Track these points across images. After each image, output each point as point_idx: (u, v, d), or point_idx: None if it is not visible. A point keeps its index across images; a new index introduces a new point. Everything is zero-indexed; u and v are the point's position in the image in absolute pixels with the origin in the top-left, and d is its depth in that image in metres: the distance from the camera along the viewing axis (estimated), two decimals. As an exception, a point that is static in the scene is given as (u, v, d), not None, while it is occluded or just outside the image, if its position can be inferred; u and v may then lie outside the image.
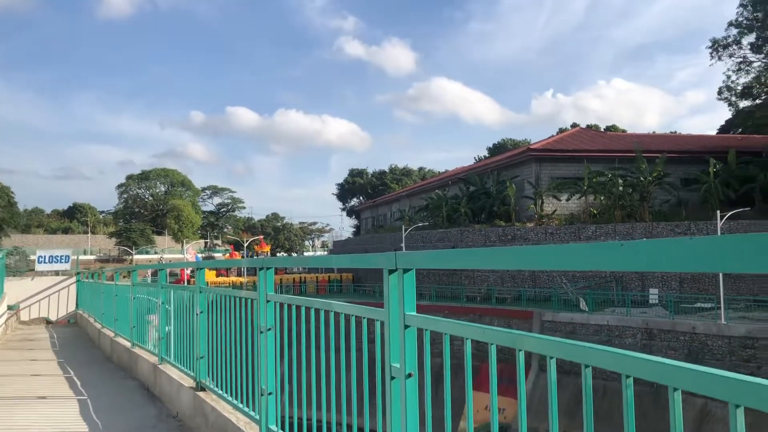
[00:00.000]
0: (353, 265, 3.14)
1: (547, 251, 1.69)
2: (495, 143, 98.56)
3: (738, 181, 40.30)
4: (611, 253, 1.46)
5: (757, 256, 1.07)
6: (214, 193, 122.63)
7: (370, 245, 60.38)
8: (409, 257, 2.54)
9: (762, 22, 41.34)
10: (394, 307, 2.65)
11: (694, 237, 1.22)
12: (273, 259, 4.49)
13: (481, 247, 32.41)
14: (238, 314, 5.01)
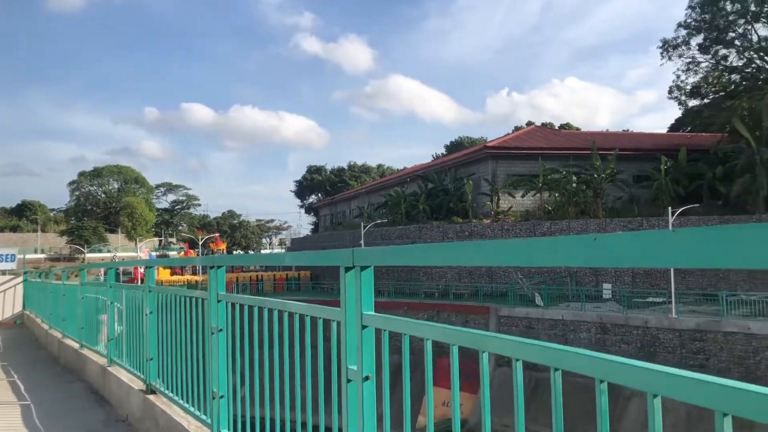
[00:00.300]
0: (309, 263, 3.00)
1: (515, 246, 1.59)
2: (452, 141, 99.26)
3: (687, 178, 41.30)
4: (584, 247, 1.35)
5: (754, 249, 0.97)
6: (169, 190, 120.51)
7: (328, 242, 60.08)
8: (367, 254, 2.42)
9: (709, 23, 42.41)
10: (351, 306, 2.52)
11: (678, 229, 1.12)
12: (225, 256, 4.31)
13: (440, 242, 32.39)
14: (189, 315, 4.82)
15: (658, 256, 1.17)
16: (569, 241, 1.41)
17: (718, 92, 45.60)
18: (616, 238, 1.28)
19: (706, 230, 1.07)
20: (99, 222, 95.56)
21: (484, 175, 46.52)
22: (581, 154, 44.68)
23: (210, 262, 4.34)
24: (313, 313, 2.97)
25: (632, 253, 1.23)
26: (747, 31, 42.49)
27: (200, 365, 4.54)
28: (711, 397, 1.11)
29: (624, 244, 1.26)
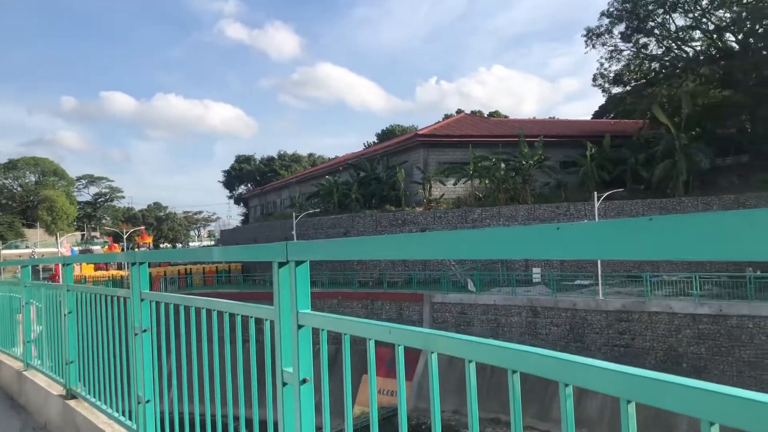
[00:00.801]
0: (240, 259, 2.79)
1: (468, 237, 1.44)
2: (383, 129, 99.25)
3: (611, 164, 42.64)
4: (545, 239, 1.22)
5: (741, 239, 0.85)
6: (91, 182, 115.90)
7: (259, 234, 59.21)
8: (302, 248, 2.24)
9: (631, 12, 43.76)
10: (286, 304, 2.34)
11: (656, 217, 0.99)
12: (148, 253, 4.05)
13: (373, 232, 32.48)
14: (111, 314, 4.52)
15: (632, 247, 1.05)
16: (529, 232, 1.28)
17: (639, 80, 47.23)
18: (580, 228, 1.15)
19: (686, 219, 0.95)
20: (15, 216, 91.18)
21: (415, 163, 46.72)
22: (510, 141, 45.43)
23: (132, 258, 4.06)
24: (243, 311, 2.77)
25: (602, 243, 1.10)
26: (666, 21, 44.11)
27: (124, 368, 4.27)
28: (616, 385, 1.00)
29: (589, 234, 1.13)
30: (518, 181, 42.57)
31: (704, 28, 44.07)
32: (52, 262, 6.79)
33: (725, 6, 41.23)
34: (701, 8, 42.42)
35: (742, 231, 0.87)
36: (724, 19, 42.55)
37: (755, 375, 24.21)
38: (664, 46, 45.56)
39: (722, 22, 42.68)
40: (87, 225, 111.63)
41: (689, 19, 43.70)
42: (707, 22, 43.56)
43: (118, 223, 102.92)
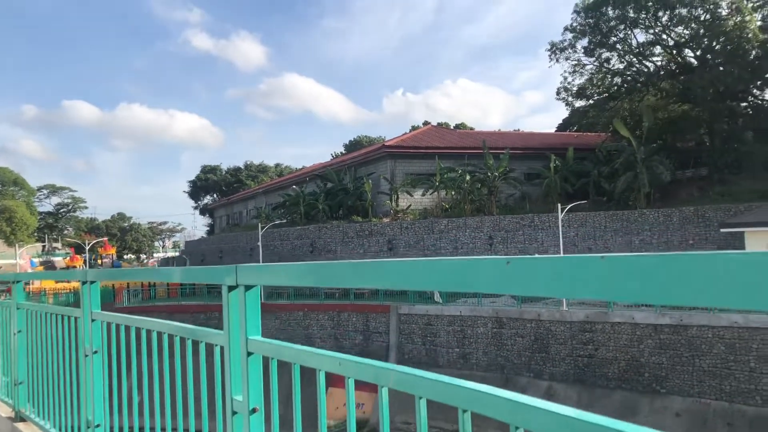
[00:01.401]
0: (189, 281, 2.69)
1: (422, 267, 1.38)
2: (351, 140, 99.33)
3: (575, 176, 43.25)
4: (497, 272, 1.17)
5: (704, 284, 0.81)
6: (53, 192, 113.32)
7: (224, 245, 58.56)
8: (252, 272, 2.15)
9: (593, 27, 44.55)
10: (235, 330, 2.25)
11: (608, 256, 0.94)
12: (100, 271, 3.89)
13: (340, 244, 32.28)
14: (62, 334, 4.36)
15: (583, 286, 1.00)
16: (479, 264, 1.22)
17: (601, 93, 48.01)
18: (532, 263, 1.10)
19: (640, 259, 0.90)
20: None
21: (383, 174, 46.76)
22: (475, 153, 45.80)
23: (83, 277, 3.92)
24: (194, 336, 2.67)
25: (552, 280, 1.05)
26: (627, 36, 44.99)
27: (75, 390, 4.12)
28: None
29: (541, 270, 1.08)
30: (484, 193, 42.90)
31: (664, 44, 45.10)
32: (2, 279, 6.54)
33: (684, 23, 42.25)
34: (661, 25, 43.41)
35: (700, 275, 0.82)
36: (683, 36, 43.60)
37: (714, 384, 24.65)
38: (625, 60, 46.47)
39: (681, 39, 43.72)
40: (48, 236, 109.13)
41: (650, 35, 44.69)
42: (667, 38, 44.58)
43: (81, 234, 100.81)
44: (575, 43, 46.17)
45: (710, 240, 35.01)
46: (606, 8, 43.54)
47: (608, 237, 37.30)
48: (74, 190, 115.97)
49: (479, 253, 39.18)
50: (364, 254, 42.19)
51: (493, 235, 39.01)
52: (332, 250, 43.37)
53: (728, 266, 0.79)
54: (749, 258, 0.76)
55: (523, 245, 38.50)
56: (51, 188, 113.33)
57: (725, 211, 34.89)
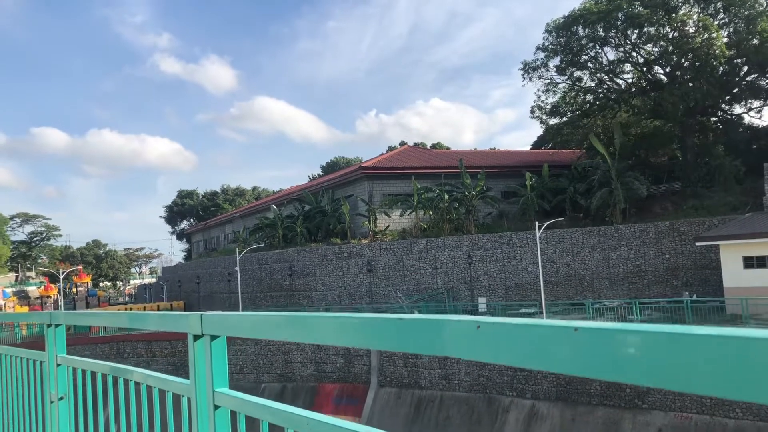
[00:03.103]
0: (155, 327, 2.59)
1: (389, 324, 1.31)
2: (328, 161, 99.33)
3: (551, 193, 43.59)
4: (465, 336, 1.10)
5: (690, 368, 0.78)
6: (26, 221, 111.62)
7: (202, 270, 57.98)
8: (218, 321, 2.07)
9: (565, 46, 45.19)
10: (202, 381, 2.15)
11: (581, 327, 0.88)
12: (63, 313, 3.76)
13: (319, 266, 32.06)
14: (28, 378, 4.20)
15: (555, 359, 0.93)
16: (449, 325, 1.16)
17: (575, 111, 48.59)
18: (503, 329, 1.03)
19: (617, 333, 0.84)
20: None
21: (360, 195, 46.74)
22: (452, 172, 46.01)
23: (47, 320, 3.78)
24: (160, 384, 2.57)
25: (524, 350, 0.99)
26: (598, 55, 45.71)
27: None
28: None
29: (513, 338, 1.02)
30: (462, 212, 43.03)
31: (634, 62, 45.88)
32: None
33: (652, 41, 43.05)
34: (631, 43, 44.17)
35: (689, 356, 0.76)
36: (652, 53, 44.41)
37: (695, 398, 24.73)
38: (597, 78, 47.16)
39: (651, 56, 44.51)
40: (22, 265, 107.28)
41: (620, 53, 45.43)
42: (637, 56, 45.37)
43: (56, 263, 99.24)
44: (547, 62, 46.77)
45: (686, 254, 35.42)
46: (576, 27, 44.24)
47: (586, 253, 37.56)
48: (48, 218, 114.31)
49: (459, 273, 39.21)
50: (343, 276, 42.00)
51: (472, 254, 39.07)
52: (311, 273, 43.11)
53: (728, 349, 0.72)
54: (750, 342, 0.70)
55: (502, 263, 38.60)
56: (24, 216, 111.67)
57: (700, 224, 35.36)
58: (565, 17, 44.99)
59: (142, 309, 55.49)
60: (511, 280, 38.43)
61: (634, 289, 36.31)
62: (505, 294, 38.11)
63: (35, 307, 62.54)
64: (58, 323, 3.74)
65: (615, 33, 43.56)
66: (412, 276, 40.40)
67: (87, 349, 38.54)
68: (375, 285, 41.01)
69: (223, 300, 51.57)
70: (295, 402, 35.40)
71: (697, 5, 42.52)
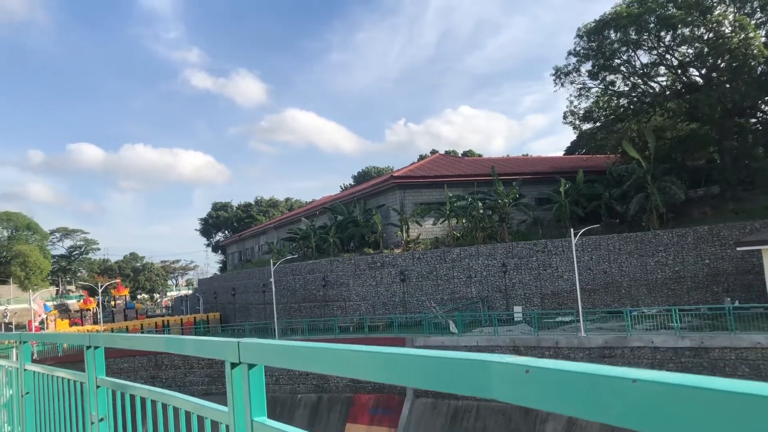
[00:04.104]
0: (192, 353, 2.58)
1: (426, 362, 1.27)
2: (359, 171, 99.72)
3: (586, 199, 42.98)
4: (512, 381, 1.06)
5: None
6: (65, 235, 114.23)
7: (237, 282, 58.50)
8: (256, 349, 2.05)
9: (597, 51, 44.68)
10: (240, 410, 2.13)
11: (639, 380, 0.83)
12: (103, 335, 3.79)
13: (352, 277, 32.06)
14: (69, 399, 4.25)
15: (609, 411, 0.88)
16: (494, 367, 1.11)
17: (608, 116, 47.97)
18: (554, 375, 0.99)
19: (682, 389, 0.79)
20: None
21: (392, 205, 46.74)
22: (485, 180, 45.75)
23: (87, 341, 3.82)
24: (198, 410, 2.56)
25: (575, 399, 0.94)
26: (631, 58, 45.08)
27: None
28: None
29: (564, 385, 0.97)
30: (495, 220, 42.71)
31: (668, 64, 45.11)
32: (8, 338, 6.49)
33: (687, 42, 42.29)
34: (664, 45, 43.48)
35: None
36: (687, 55, 43.63)
37: None
38: (630, 82, 46.47)
39: (685, 58, 43.74)
40: (62, 279, 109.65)
41: (653, 56, 44.72)
42: (671, 58, 44.62)
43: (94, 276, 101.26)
44: (579, 67, 46.29)
45: (726, 259, 34.59)
46: (608, 31, 43.70)
47: (623, 260, 36.94)
48: (86, 232, 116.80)
49: (493, 281, 38.89)
50: (376, 286, 41.99)
51: (507, 262, 38.73)
52: (344, 284, 43.20)
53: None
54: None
55: (538, 271, 38.17)
56: (63, 231, 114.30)
57: (740, 228, 34.49)
58: (597, 21, 44.48)
59: (179, 321, 56.22)
60: (547, 288, 37.98)
61: (673, 296, 35.56)
62: (541, 302, 37.67)
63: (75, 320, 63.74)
64: (97, 345, 3.77)
65: (648, 36, 42.90)
66: (445, 285, 40.19)
67: (126, 361, 39.15)
68: (408, 295, 40.90)
69: (258, 311, 51.93)
70: (331, 413, 35.46)
71: (733, 5, 41.63)
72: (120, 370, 38.64)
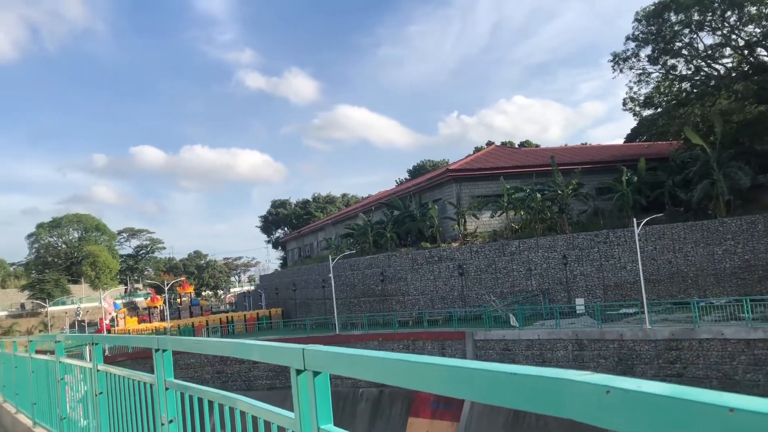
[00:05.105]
0: (256, 358, 2.61)
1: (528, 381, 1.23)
2: (415, 165, 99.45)
3: (648, 187, 41.74)
4: (590, 403, 1.01)
5: None
6: (132, 235, 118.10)
7: (297, 278, 59.31)
8: (322, 357, 2.04)
9: (656, 34, 43.24)
10: (306, 417, 2.14)
11: (739, 409, 0.78)
12: (171, 339, 3.88)
13: (410, 271, 32.03)
14: (140, 400, 4.37)
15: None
16: (571, 386, 1.07)
17: (670, 101, 46.39)
18: (636, 397, 0.93)
19: None
20: (61, 274, 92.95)
21: (448, 198, 46.48)
22: (543, 170, 44.99)
23: (155, 344, 3.91)
24: (265, 415, 2.58)
25: (659, 424, 0.89)
26: (693, 40, 43.46)
27: None
28: None
29: (646, 408, 0.92)
30: (554, 211, 41.95)
31: (734, 45, 43.27)
32: (82, 340, 6.74)
33: (754, 21, 40.46)
34: (729, 25, 41.72)
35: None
36: (754, 35, 41.76)
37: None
38: (693, 65, 44.77)
39: (752, 38, 41.87)
40: (130, 277, 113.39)
41: (717, 37, 42.99)
42: (737, 39, 42.79)
43: (160, 274, 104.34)
44: (638, 52, 44.89)
45: (801, 246, 33.10)
46: (668, 14, 42.24)
47: (688, 249, 35.77)
48: (152, 232, 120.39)
49: (554, 273, 38.26)
50: (435, 280, 41.89)
51: (567, 254, 38.03)
52: (403, 278, 43.24)
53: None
54: None
55: (599, 262, 37.35)
56: (130, 231, 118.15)
57: (814, 214, 32.95)
58: (656, 4, 43.00)
59: (243, 317, 57.36)
60: (610, 279, 37.12)
61: (743, 286, 34.23)
62: (604, 294, 36.85)
63: (143, 318, 65.84)
64: (165, 348, 3.86)
65: (712, 16, 41.24)
66: (504, 278, 39.76)
67: (192, 357, 40.19)
68: (467, 288, 40.64)
69: (318, 306, 52.52)
70: (392, 407, 35.59)
71: (803, -20, 39.66)
72: (187, 366, 39.71)
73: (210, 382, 40.03)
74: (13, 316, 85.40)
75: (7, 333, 71.46)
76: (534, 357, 31.29)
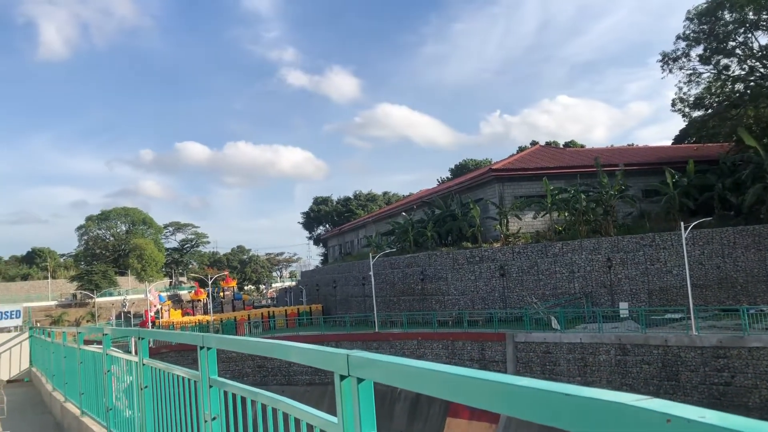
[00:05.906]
0: (297, 360, 2.62)
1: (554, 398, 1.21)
2: (457, 164, 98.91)
3: (697, 190, 40.71)
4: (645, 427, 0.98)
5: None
6: (177, 229, 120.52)
7: (338, 274, 59.62)
8: (366, 365, 2.03)
9: (709, 34, 42.13)
10: (349, 423, 2.13)
11: None
12: (215, 337, 3.92)
13: (450, 270, 31.88)
14: (184, 395, 4.43)
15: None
16: (630, 412, 1.04)
17: (722, 102, 45.14)
18: (701, 428, 0.90)
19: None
20: (109, 265, 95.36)
21: (491, 198, 46.12)
22: (588, 171, 44.28)
23: (200, 342, 3.97)
24: (308, 418, 2.58)
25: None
26: (747, 40, 42.19)
27: None
28: None
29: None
30: (599, 213, 41.24)
31: (791, 44, 41.91)
32: (128, 334, 6.90)
33: (813, 20, 39.16)
34: (786, 24, 40.45)
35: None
36: (812, 34, 40.41)
37: None
38: (747, 65, 43.48)
39: (810, 37, 40.51)
40: (175, 271, 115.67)
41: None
42: (794, 38, 41.44)
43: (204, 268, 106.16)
44: (689, 51, 43.83)
45: None
46: (722, 12, 41.11)
47: (738, 254, 34.76)
48: (197, 227, 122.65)
49: (597, 276, 37.62)
50: (475, 281, 41.61)
51: (612, 257, 37.35)
52: (443, 278, 43.08)
53: None
54: None
55: (645, 266, 36.57)
56: (176, 225, 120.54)
57: None
58: (709, 2, 41.90)
59: (284, 312, 57.95)
60: (655, 283, 36.32)
61: (796, 293, 33.13)
62: (648, 299, 36.08)
63: (187, 310, 66.99)
64: (210, 347, 3.91)
65: (767, 15, 40.00)
66: (547, 280, 39.26)
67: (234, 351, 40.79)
68: (508, 290, 40.27)
69: (358, 303, 52.71)
70: (431, 407, 35.50)
71: None
72: (229, 359, 40.31)
73: (251, 376, 40.58)
74: (62, 305, 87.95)
75: (56, 322, 73.62)
76: (575, 361, 30.85)
